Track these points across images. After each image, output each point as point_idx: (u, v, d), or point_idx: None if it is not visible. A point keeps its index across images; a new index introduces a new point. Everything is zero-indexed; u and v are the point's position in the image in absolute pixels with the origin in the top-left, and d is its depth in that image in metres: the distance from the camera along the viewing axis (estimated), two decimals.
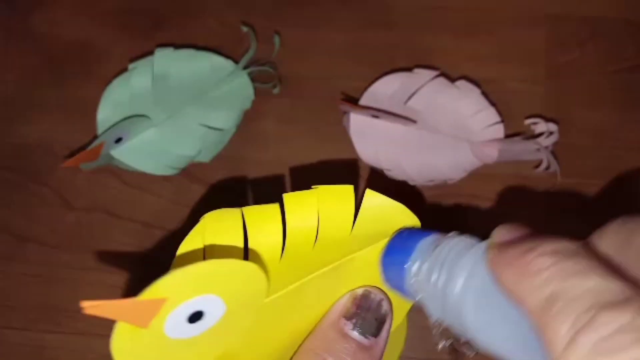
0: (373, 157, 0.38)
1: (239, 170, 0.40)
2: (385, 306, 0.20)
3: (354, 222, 0.21)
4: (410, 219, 0.21)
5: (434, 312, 0.19)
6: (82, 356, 0.37)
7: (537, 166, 0.38)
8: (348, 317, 0.20)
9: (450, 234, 0.20)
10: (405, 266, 0.19)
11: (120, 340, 0.16)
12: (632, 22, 0.42)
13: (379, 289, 0.21)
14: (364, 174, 0.39)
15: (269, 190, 0.39)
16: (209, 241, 0.19)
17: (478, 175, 0.39)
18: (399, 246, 0.20)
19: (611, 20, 0.42)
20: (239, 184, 0.39)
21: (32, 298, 0.38)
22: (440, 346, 0.19)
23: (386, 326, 0.20)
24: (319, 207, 0.20)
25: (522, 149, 0.37)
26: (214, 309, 0.17)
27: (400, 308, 0.22)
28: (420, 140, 0.38)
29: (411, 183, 0.38)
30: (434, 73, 0.40)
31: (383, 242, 0.21)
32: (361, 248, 0.20)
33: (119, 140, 0.37)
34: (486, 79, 0.40)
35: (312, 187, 0.20)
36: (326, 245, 0.20)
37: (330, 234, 0.20)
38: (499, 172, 0.39)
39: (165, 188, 0.39)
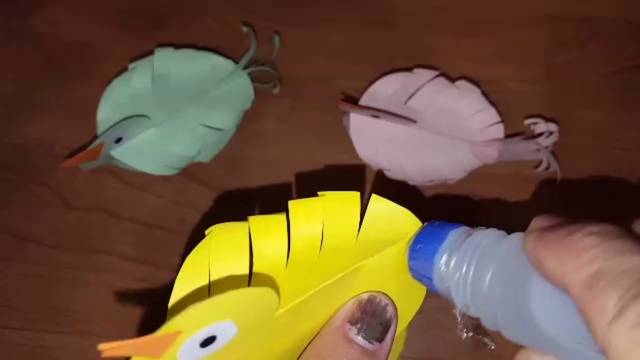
0: (373, 157, 0.38)
1: (239, 170, 0.40)
2: (390, 311, 0.20)
3: (359, 228, 0.20)
4: (415, 225, 0.21)
5: (461, 302, 0.18)
6: (82, 356, 0.37)
7: (537, 166, 0.38)
8: (353, 322, 0.20)
9: (479, 227, 0.20)
10: (435, 256, 0.19)
11: None
12: (632, 22, 0.42)
13: (384, 294, 0.21)
14: (365, 175, 0.39)
15: (269, 190, 0.39)
16: (215, 255, 0.19)
17: (478, 175, 0.39)
18: (429, 237, 0.20)
19: (611, 20, 0.42)
20: (239, 184, 0.39)
21: (32, 298, 0.38)
22: (463, 337, 0.19)
23: (391, 331, 0.20)
24: (325, 214, 0.20)
25: (522, 149, 0.37)
26: (226, 332, 0.17)
27: (405, 313, 0.22)
28: (420, 140, 0.38)
29: (411, 183, 0.38)
30: (434, 73, 0.40)
31: (389, 250, 0.20)
32: (367, 255, 0.20)
33: (119, 140, 0.37)
34: (486, 79, 0.40)
35: (319, 193, 0.20)
36: (332, 252, 0.20)
37: (336, 240, 0.20)
38: (499, 172, 0.39)
39: (165, 188, 0.39)
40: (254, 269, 0.19)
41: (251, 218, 0.19)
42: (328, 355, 0.19)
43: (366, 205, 0.21)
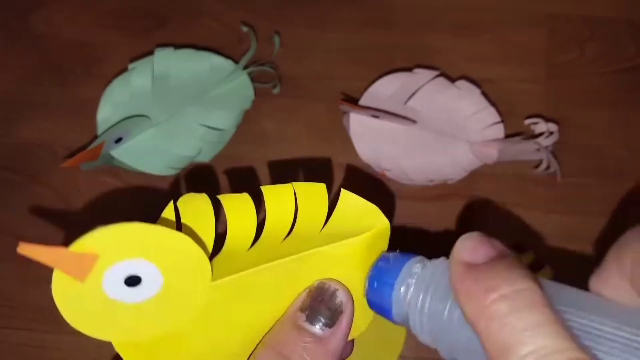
0: (373, 157, 0.38)
1: (239, 170, 0.40)
2: (340, 296, 0.20)
3: (326, 220, 0.21)
4: (381, 221, 0.21)
5: (422, 334, 0.19)
6: (82, 356, 0.37)
7: (537, 166, 0.38)
8: (303, 309, 0.20)
9: (434, 259, 0.20)
10: (391, 291, 0.19)
11: (60, 289, 0.17)
12: (632, 22, 0.42)
13: (336, 281, 0.20)
14: (365, 175, 0.39)
15: None
16: (185, 216, 0.19)
17: (478, 175, 0.39)
18: (383, 271, 0.20)
19: (611, 20, 0.42)
20: (239, 184, 0.39)
21: (32, 298, 0.38)
22: None
23: (344, 317, 0.20)
24: (298, 201, 0.20)
25: (522, 149, 0.37)
26: (150, 276, 0.17)
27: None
28: (420, 140, 0.38)
29: (411, 183, 0.38)
30: (434, 73, 0.40)
31: (350, 240, 0.20)
32: (327, 243, 0.20)
33: (119, 140, 0.37)
34: (486, 79, 0.40)
35: (292, 184, 0.21)
36: (295, 239, 0.20)
37: (301, 229, 0.20)
38: (499, 172, 0.39)
39: (165, 188, 0.39)
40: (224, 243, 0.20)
41: (221, 196, 0.20)
42: (279, 345, 0.19)
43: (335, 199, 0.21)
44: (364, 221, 0.21)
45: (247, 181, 0.39)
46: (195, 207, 0.20)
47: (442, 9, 0.42)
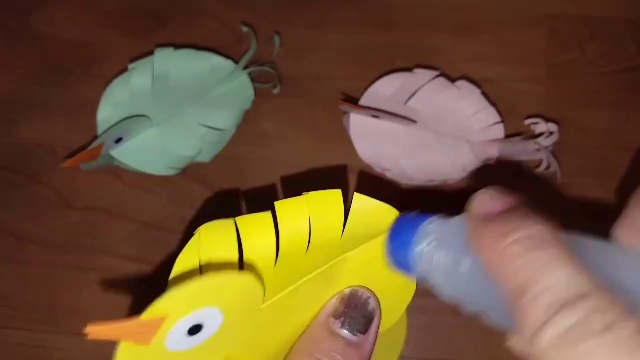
0: (373, 157, 0.38)
1: (239, 170, 0.40)
2: (372, 303, 0.21)
3: (344, 225, 0.21)
4: (394, 215, 0.22)
5: (443, 290, 0.19)
6: (82, 356, 0.37)
7: (537, 166, 0.38)
8: (336, 316, 0.20)
9: (455, 216, 0.20)
10: (410, 247, 0.20)
11: (124, 357, 0.17)
12: (632, 22, 0.42)
13: (366, 288, 0.21)
14: (365, 175, 0.39)
15: (269, 191, 0.39)
16: (205, 253, 0.19)
17: (478, 175, 0.39)
18: (403, 229, 0.21)
19: (611, 20, 0.42)
20: (239, 184, 0.39)
21: (32, 298, 0.38)
22: None
23: (374, 323, 0.21)
24: (310, 213, 0.20)
25: (522, 149, 0.37)
26: (212, 320, 0.18)
27: (395, 306, 0.22)
28: (420, 140, 0.38)
29: (411, 183, 0.38)
30: (434, 73, 0.40)
31: (371, 243, 0.21)
32: (351, 249, 0.21)
33: (119, 140, 0.37)
34: (486, 79, 0.40)
35: (303, 193, 0.21)
36: (318, 248, 0.20)
37: (321, 238, 0.20)
38: (499, 172, 0.39)
39: (165, 188, 0.39)
40: (244, 267, 0.19)
41: (238, 218, 0.20)
42: (314, 350, 0.20)
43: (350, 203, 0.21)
44: (379, 220, 0.21)
45: (247, 181, 0.39)
46: (218, 235, 0.19)
47: (442, 9, 0.42)
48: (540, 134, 0.38)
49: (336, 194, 0.21)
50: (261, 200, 0.39)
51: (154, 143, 0.38)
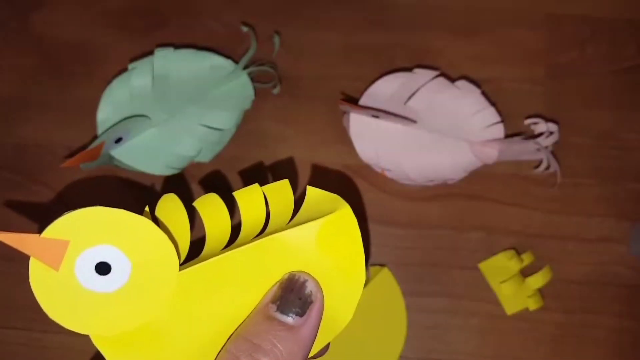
0: (373, 157, 0.38)
1: (239, 170, 0.40)
2: (309, 287, 0.21)
3: (293, 215, 0.22)
4: (342, 206, 0.22)
5: None
6: (82, 356, 0.37)
7: (537, 166, 0.38)
8: (274, 301, 0.20)
9: None
10: None
11: (38, 279, 0.19)
12: (632, 22, 0.42)
13: (307, 273, 0.21)
14: (365, 175, 0.39)
15: None
16: (162, 212, 0.20)
17: (478, 175, 0.39)
18: None
19: (611, 20, 0.42)
20: (239, 184, 0.39)
21: (32, 298, 0.38)
22: None
23: (315, 308, 0.20)
24: (269, 202, 0.21)
25: (522, 149, 0.37)
26: (119, 264, 0.19)
27: (343, 302, 0.22)
28: (420, 140, 0.38)
29: (411, 183, 0.38)
30: (434, 73, 0.40)
31: (306, 225, 0.21)
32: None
33: (119, 140, 0.37)
34: (486, 79, 0.40)
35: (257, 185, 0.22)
36: (264, 235, 0.21)
37: (272, 227, 0.21)
38: (499, 172, 0.39)
39: (165, 188, 0.39)
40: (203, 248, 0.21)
41: (196, 202, 0.21)
42: (250, 335, 0.20)
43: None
44: (326, 209, 0.21)
45: (247, 181, 0.39)
46: (169, 211, 0.21)
47: (442, 9, 0.42)
48: (540, 134, 0.38)
49: (284, 184, 0.22)
50: None
51: (154, 143, 0.38)
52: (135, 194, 0.39)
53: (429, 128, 0.38)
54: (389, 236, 0.39)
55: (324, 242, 0.21)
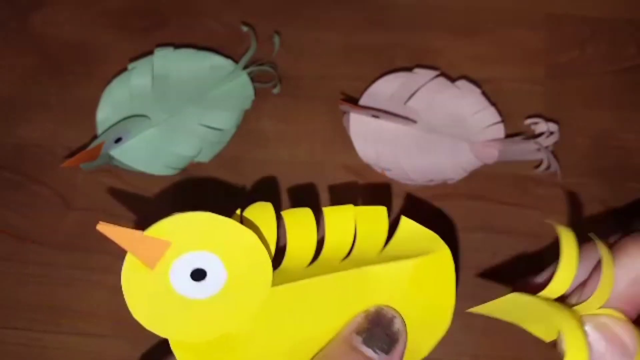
0: (373, 157, 0.38)
1: (239, 170, 0.40)
2: (397, 324, 0.20)
3: (385, 245, 0.21)
4: (440, 247, 0.21)
5: None
6: (82, 356, 0.37)
7: (537, 166, 0.38)
8: (359, 331, 0.20)
9: None
10: None
11: (129, 274, 0.18)
12: (632, 22, 0.42)
13: (395, 309, 0.21)
14: (365, 175, 0.39)
15: (269, 191, 0.39)
16: (248, 223, 0.20)
17: (478, 175, 0.39)
18: None
19: (611, 20, 0.42)
20: (239, 184, 0.39)
21: (32, 298, 0.38)
22: None
23: (399, 346, 0.20)
24: (357, 225, 0.21)
25: (522, 149, 0.37)
26: (215, 271, 0.18)
27: (423, 340, 0.21)
28: (420, 140, 0.38)
29: (411, 183, 0.38)
30: (434, 73, 0.40)
31: (402, 262, 0.20)
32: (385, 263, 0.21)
33: (118, 140, 0.37)
34: (486, 79, 0.40)
35: (350, 205, 0.21)
36: (353, 261, 0.20)
37: (360, 252, 0.21)
38: (499, 172, 0.39)
39: (165, 188, 0.39)
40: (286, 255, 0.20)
41: (285, 212, 0.21)
42: None
43: (392, 221, 0.21)
44: (423, 247, 0.21)
45: (247, 181, 0.39)
46: (259, 218, 0.20)
47: (442, 9, 0.42)
48: (540, 134, 0.38)
49: (381, 211, 0.21)
50: (261, 200, 0.39)
51: (153, 143, 0.38)
52: (135, 194, 0.39)
53: (429, 128, 0.38)
54: None
55: (417, 281, 0.21)
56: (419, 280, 0.21)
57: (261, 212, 0.21)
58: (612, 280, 0.19)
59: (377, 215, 0.21)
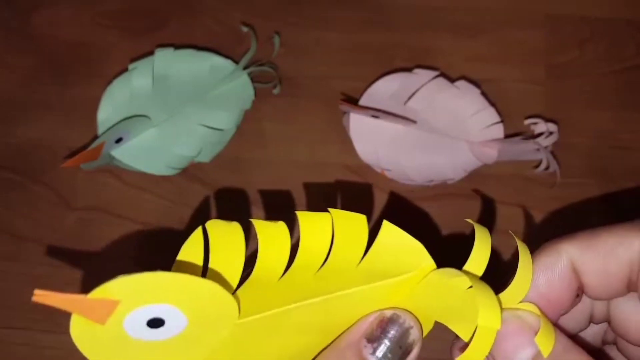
0: (373, 157, 0.38)
1: (239, 170, 0.40)
2: (413, 334, 0.18)
3: (364, 254, 0.19)
4: (425, 261, 0.19)
5: None
6: (82, 356, 0.37)
7: (537, 166, 0.38)
8: (370, 339, 0.18)
9: None
10: None
11: (79, 330, 0.17)
12: (632, 22, 0.42)
13: (413, 315, 0.19)
14: (365, 175, 0.39)
15: (269, 191, 0.39)
16: (212, 249, 0.18)
17: (478, 175, 0.39)
18: None
19: (611, 20, 0.42)
20: (239, 184, 0.39)
21: (32, 298, 0.38)
22: None
23: (411, 357, 0.18)
24: (335, 232, 0.19)
25: (522, 149, 0.37)
26: (174, 319, 0.17)
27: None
28: (420, 140, 0.38)
29: (411, 183, 0.38)
30: (433, 73, 0.40)
31: (387, 282, 0.19)
32: (363, 284, 0.19)
33: (119, 140, 0.37)
34: (486, 79, 0.40)
35: (329, 209, 0.19)
36: (329, 272, 0.19)
37: (336, 262, 0.19)
38: (499, 172, 0.39)
39: (165, 188, 0.39)
40: (253, 272, 0.18)
41: (255, 221, 0.19)
42: None
43: (374, 227, 0.19)
44: (405, 259, 0.19)
45: (247, 181, 0.39)
46: (224, 234, 0.19)
47: (442, 9, 0.42)
48: (540, 134, 0.38)
49: (361, 219, 0.19)
50: (261, 200, 0.39)
51: (154, 143, 0.38)
52: (135, 194, 0.39)
53: (429, 128, 0.38)
54: None
55: (401, 298, 0.19)
56: (401, 298, 0.19)
57: (225, 229, 0.19)
58: (530, 275, 0.19)
59: (357, 223, 0.19)
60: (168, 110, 0.39)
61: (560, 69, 0.41)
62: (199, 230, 0.19)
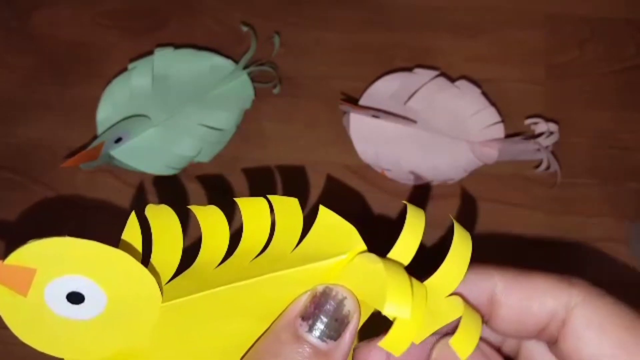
0: (373, 157, 0.38)
1: (239, 170, 0.40)
2: (348, 305, 0.18)
3: (300, 240, 0.19)
4: (358, 244, 0.19)
5: None
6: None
7: (537, 166, 0.38)
8: (305, 317, 0.17)
9: None
10: None
11: (6, 303, 0.17)
12: (632, 22, 0.42)
13: (343, 286, 0.18)
14: (365, 175, 0.39)
15: (269, 191, 0.39)
16: (155, 228, 0.19)
17: (478, 175, 0.39)
18: None
19: (611, 20, 0.42)
20: (239, 184, 0.39)
21: None
22: None
23: (349, 329, 0.18)
24: (276, 217, 0.19)
25: (522, 149, 0.37)
26: (93, 294, 0.17)
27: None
28: (420, 140, 0.38)
29: (411, 183, 0.38)
30: (434, 73, 0.40)
31: (318, 265, 0.18)
32: (295, 266, 0.18)
33: (119, 140, 0.37)
34: (486, 79, 0.40)
35: (268, 196, 0.20)
36: (265, 258, 0.19)
37: (274, 248, 0.19)
38: (499, 172, 0.39)
39: (165, 188, 0.39)
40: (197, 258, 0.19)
41: (195, 208, 0.19)
42: (274, 355, 0.17)
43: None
44: (339, 242, 0.19)
45: (247, 181, 0.39)
46: (161, 220, 0.19)
47: (442, 9, 0.42)
48: (540, 134, 0.38)
49: (294, 203, 0.19)
50: None
51: (153, 143, 0.38)
52: (135, 194, 0.39)
53: (429, 128, 0.38)
54: None
55: (333, 281, 0.19)
56: (333, 281, 0.19)
57: (161, 214, 0.19)
58: (464, 268, 0.19)
59: (291, 207, 0.19)
60: (168, 110, 0.39)
61: (560, 69, 0.41)
62: (134, 215, 0.19)
